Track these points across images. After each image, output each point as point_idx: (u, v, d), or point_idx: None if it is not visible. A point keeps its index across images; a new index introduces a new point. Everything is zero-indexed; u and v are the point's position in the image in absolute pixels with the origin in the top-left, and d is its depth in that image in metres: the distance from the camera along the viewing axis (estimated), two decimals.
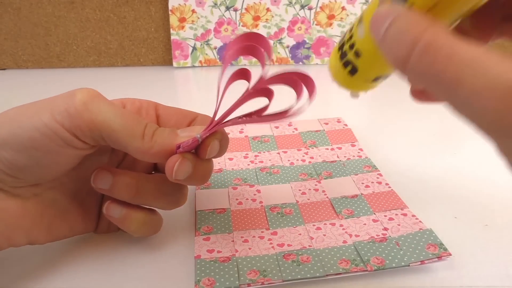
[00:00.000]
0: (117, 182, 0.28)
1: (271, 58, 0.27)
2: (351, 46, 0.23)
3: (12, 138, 0.24)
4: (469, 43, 0.16)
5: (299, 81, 0.27)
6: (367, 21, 0.20)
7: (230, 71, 0.26)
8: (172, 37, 0.68)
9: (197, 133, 0.27)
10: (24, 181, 0.26)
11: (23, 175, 0.25)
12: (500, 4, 0.22)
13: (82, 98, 0.25)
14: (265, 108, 0.27)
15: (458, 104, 0.16)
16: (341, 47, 0.24)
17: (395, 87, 0.38)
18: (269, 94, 0.27)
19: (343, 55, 0.23)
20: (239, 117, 0.27)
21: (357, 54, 0.22)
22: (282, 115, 0.26)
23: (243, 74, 0.27)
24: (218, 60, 0.69)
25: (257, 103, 0.27)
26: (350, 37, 0.23)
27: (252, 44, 0.26)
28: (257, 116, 0.27)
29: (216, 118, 0.27)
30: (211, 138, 0.27)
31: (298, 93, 0.27)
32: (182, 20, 0.67)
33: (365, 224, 0.32)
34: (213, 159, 0.29)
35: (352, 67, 0.23)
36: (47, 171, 0.26)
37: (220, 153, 0.28)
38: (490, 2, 0.19)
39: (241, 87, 0.26)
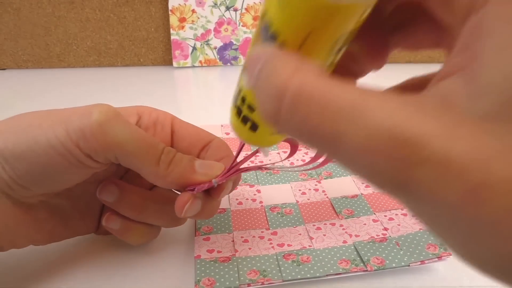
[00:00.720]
0: (123, 198, 0.28)
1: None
2: (243, 100, 0.19)
3: (28, 152, 0.24)
4: (344, 85, 0.13)
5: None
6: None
7: (230, 71, 0.26)
8: (172, 37, 0.68)
9: (214, 174, 0.26)
10: (33, 192, 0.26)
11: (34, 187, 0.25)
12: (385, 18, 0.19)
13: (98, 119, 0.24)
14: (284, 160, 0.27)
15: (344, 163, 0.13)
16: (235, 101, 0.20)
17: (395, 86, 0.38)
18: (293, 146, 0.27)
19: (238, 111, 0.20)
20: (259, 167, 0.27)
21: (250, 108, 0.19)
22: (299, 167, 0.27)
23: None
24: (218, 60, 0.69)
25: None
26: (240, 90, 0.19)
27: None
28: (277, 168, 0.28)
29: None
30: (226, 180, 0.27)
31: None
32: (182, 20, 0.67)
33: (365, 224, 0.32)
34: None
35: (252, 123, 0.20)
36: (57, 185, 0.26)
37: (230, 191, 0.28)
38: (373, 19, 0.16)
39: None
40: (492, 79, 0.12)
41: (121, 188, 0.28)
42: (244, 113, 0.19)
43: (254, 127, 0.20)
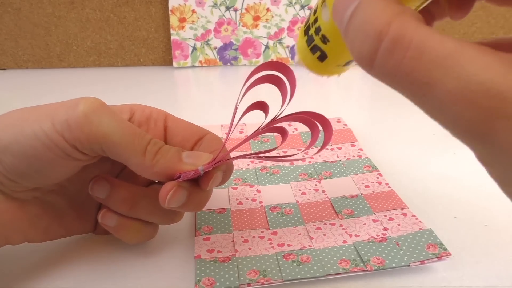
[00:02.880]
0: (113, 194, 0.28)
1: (293, 94, 0.26)
2: (317, 31, 0.20)
3: (14, 144, 0.24)
4: (442, 36, 0.14)
5: (315, 124, 0.26)
6: (331, 4, 0.17)
7: (230, 71, 0.26)
8: (172, 37, 0.68)
9: (202, 163, 0.26)
10: (23, 186, 0.26)
11: (22, 181, 0.25)
12: None
13: (84, 109, 0.24)
14: (274, 149, 0.27)
15: (430, 109, 0.14)
16: (306, 30, 0.21)
17: None
18: (282, 133, 0.27)
19: (309, 39, 0.20)
20: (247, 155, 0.26)
21: (324, 40, 0.19)
22: (289, 157, 0.26)
23: (261, 106, 0.26)
24: (218, 60, 0.69)
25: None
26: (315, 20, 0.20)
27: (277, 76, 0.26)
28: (265, 156, 0.27)
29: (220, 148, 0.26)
30: (214, 170, 0.26)
31: (314, 135, 0.27)
32: (182, 20, 0.67)
33: (365, 224, 0.32)
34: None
35: (321, 53, 0.20)
36: (46, 178, 0.26)
37: (222, 182, 0.28)
38: None
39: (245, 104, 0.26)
40: None
41: (112, 184, 0.28)
42: (316, 43, 0.20)
43: (322, 57, 0.20)
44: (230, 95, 0.25)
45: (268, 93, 0.29)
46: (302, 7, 0.67)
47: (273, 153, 0.27)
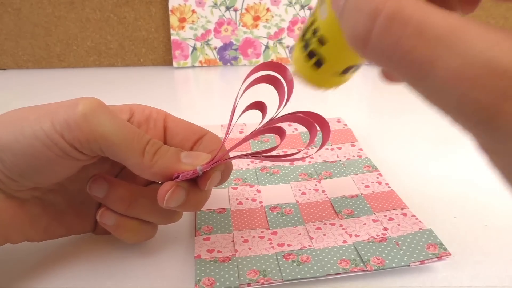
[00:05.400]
0: (111, 193, 0.28)
1: (290, 94, 0.25)
2: (314, 32, 0.19)
3: (14, 143, 0.24)
4: (444, 12, 0.13)
5: (313, 123, 0.26)
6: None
7: (230, 71, 0.26)
8: (172, 37, 0.68)
9: (200, 163, 0.26)
10: (23, 185, 0.26)
11: (22, 180, 0.25)
12: None
13: (83, 110, 0.24)
14: (274, 148, 0.27)
15: (430, 92, 0.13)
16: (303, 35, 0.20)
17: (395, 86, 0.38)
18: (280, 133, 0.27)
19: (306, 44, 0.20)
20: (245, 155, 0.26)
21: (321, 41, 0.19)
22: (288, 157, 0.26)
23: (259, 106, 0.26)
24: (218, 60, 0.69)
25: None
26: (313, 22, 0.19)
27: (275, 76, 0.26)
28: (263, 156, 0.26)
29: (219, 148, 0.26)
30: (213, 170, 0.26)
31: (312, 135, 0.27)
32: (182, 20, 0.67)
33: (365, 224, 0.32)
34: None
35: (318, 57, 0.19)
36: (45, 178, 0.26)
37: (220, 182, 0.28)
38: None
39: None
40: None
41: (110, 183, 0.28)
42: (312, 47, 0.19)
43: (318, 63, 0.19)
44: (230, 95, 0.25)
45: (267, 93, 0.29)
46: (302, 7, 0.67)
47: (273, 153, 0.27)
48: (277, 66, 0.25)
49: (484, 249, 0.30)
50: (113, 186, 0.28)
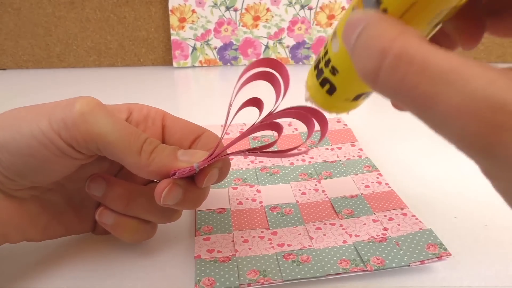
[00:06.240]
0: (109, 191, 0.28)
1: (287, 90, 0.25)
2: (327, 63, 0.20)
3: (11, 142, 0.24)
4: (445, 52, 0.14)
5: (311, 118, 0.26)
6: (341, 32, 0.18)
7: (230, 71, 0.26)
8: (172, 37, 0.68)
9: (197, 160, 0.26)
10: (21, 184, 0.26)
11: (20, 179, 0.25)
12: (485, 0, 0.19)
13: (80, 109, 0.24)
14: (271, 144, 0.26)
15: (434, 123, 0.14)
16: (317, 65, 0.21)
17: None
18: (278, 129, 0.26)
19: (319, 73, 0.21)
20: (242, 151, 0.26)
21: (333, 71, 0.20)
22: (286, 152, 0.26)
23: (256, 102, 0.26)
24: (218, 60, 0.69)
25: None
26: (326, 53, 0.21)
27: (271, 72, 0.26)
28: (261, 152, 0.26)
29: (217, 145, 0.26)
30: (210, 167, 0.26)
31: (310, 130, 0.27)
32: (182, 20, 0.67)
33: (365, 224, 0.32)
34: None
35: (330, 85, 0.21)
36: (43, 177, 0.26)
37: (219, 180, 0.28)
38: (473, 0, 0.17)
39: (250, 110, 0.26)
40: None
41: (108, 182, 0.28)
42: (325, 75, 0.20)
43: (331, 91, 0.21)
44: (230, 95, 0.25)
45: (263, 90, 0.29)
46: (302, 7, 0.67)
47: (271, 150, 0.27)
48: (273, 62, 0.25)
49: (484, 249, 0.30)
50: (111, 185, 0.28)
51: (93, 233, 0.32)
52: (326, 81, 0.21)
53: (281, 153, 0.27)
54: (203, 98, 0.60)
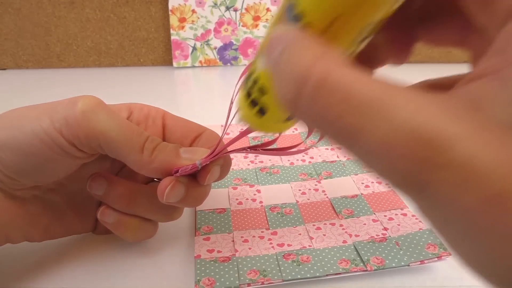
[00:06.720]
0: (111, 190, 0.28)
1: None
2: (254, 82, 0.18)
3: (12, 141, 0.24)
4: (369, 78, 0.12)
5: None
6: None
7: (230, 71, 0.26)
8: (172, 37, 0.68)
9: (199, 158, 0.26)
10: (22, 184, 0.26)
11: (21, 178, 0.25)
12: (414, 9, 0.18)
13: (82, 107, 0.24)
14: (271, 142, 0.26)
15: (361, 158, 0.13)
16: (246, 83, 0.19)
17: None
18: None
19: (248, 93, 0.19)
20: (244, 148, 0.26)
21: (261, 91, 0.18)
22: (287, 150, 0.26)
23: None
24: (218, 60, 0.69)
25: None
26: (253, 71, 0.18)
27: None
28: (262, 149, 0.26)
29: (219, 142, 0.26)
30: (212, 164, 0.26)
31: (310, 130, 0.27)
32: (182, 20, 0.67)
33: (365, 224, 0.32)
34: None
35: (260, 107, 0.19)
36: (45, 176, 0.26)
37: (220, 177, 0.28)
38: (402, 10, 0.16)
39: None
40: None
41: (109, 181, 0.28)
42: (254, 96, 0.18)
43: (261, 112, 0.19)
44: (230, 95, 0.25)
45: None
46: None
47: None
48: None
49: None
50: (113, 184, 0.28)
51: (93, 233, 0.32)
52: (255, 103, 0.19)
53: (282, 150, 0.27)
54: (203, 98, 0.61)
